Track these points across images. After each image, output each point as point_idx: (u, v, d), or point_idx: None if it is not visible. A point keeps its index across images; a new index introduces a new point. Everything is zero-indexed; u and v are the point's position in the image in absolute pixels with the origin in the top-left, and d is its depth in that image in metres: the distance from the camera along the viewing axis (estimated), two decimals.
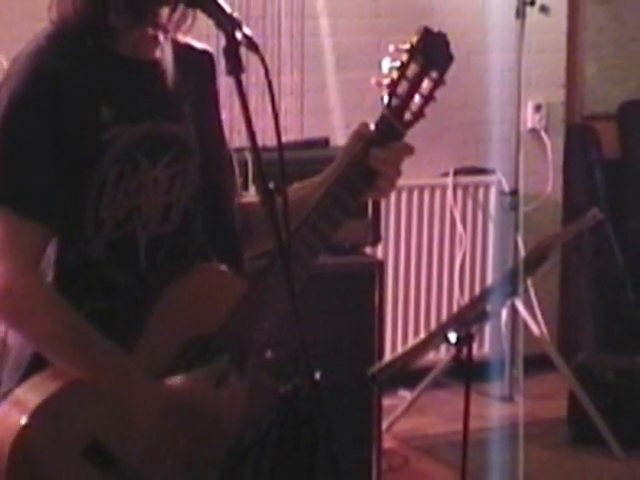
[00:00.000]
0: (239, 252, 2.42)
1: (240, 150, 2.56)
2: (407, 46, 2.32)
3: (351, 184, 2.33)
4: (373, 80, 2.33)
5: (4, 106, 2.22)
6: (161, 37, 2.36)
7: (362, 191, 2.35)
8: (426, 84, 2.33)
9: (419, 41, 2.32)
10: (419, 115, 2.35)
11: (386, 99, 2.33)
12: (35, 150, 2.21)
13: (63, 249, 2.29)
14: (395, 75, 2.32)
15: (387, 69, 2.33)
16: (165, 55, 2.38)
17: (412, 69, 2.32)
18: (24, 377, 2.29)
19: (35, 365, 2.29)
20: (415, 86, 2.33)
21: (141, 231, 2.31)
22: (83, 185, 2.25)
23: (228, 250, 2.40)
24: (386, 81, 2.32)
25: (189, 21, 2.33)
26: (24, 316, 2.24)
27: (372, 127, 2.34)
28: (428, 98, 2.34)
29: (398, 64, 2.32)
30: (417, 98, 2.34)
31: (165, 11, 2.29)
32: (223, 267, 2.37)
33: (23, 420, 2.19)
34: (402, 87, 2.32)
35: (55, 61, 2.23)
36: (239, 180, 2.51)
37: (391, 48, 2.33)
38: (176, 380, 2.26)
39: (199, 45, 2.46)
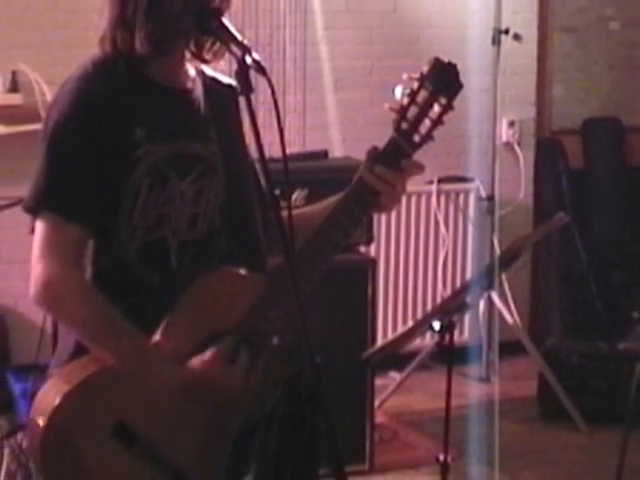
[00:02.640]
0: (261, 257, 2.39)
1: None
2: (418, 75, 2.27)
3: (360, 199, 2.30)
4: (386, 105, 2.28)
5: (53, 124, 2.25)
6: (191, 69, 2.37)
7: (370, 205, 2.32)
8: (436, 109, 2.27)
9: (429, 70, 2.27)
10: (428, 138, 2.29)
11: (395, 122, 2.28)
12: (76, 163, 2.23)
13: (100, 252, 2.29)
14: (406, 101, 2.26)
15: (399, 95, 2.27)
16: (196, 86, 2.38)
17: (422, 95, 2.26)
18: (67, 363, 2.30)
19: (77, 353, 2.29)
20: (424, 111, 2.26)
21: (171, 237, 2.31)
22: (117, 195, 2.26)
23: (250, 256, 2.38)
24: (397, 106, 2.27)
25: (217, 54, 2.32)
26: (62, 305, 2.25)
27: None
28: (437, 122, 2.28)
29: (409, 91, 2.27)
30: (427, 122, 2.27)
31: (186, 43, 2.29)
32: (242, 270, 2.33)
33: (57, 401, 2.19)
34: (412, 112, 2.26)
35: (97, 86, 2.25)
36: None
37: (404, 76, 2.28)
38: (193, 362, 2.25)
39: (225, 79, 2.45)
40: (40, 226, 2.25)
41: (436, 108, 2.27)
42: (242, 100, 2.17)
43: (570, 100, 6.23)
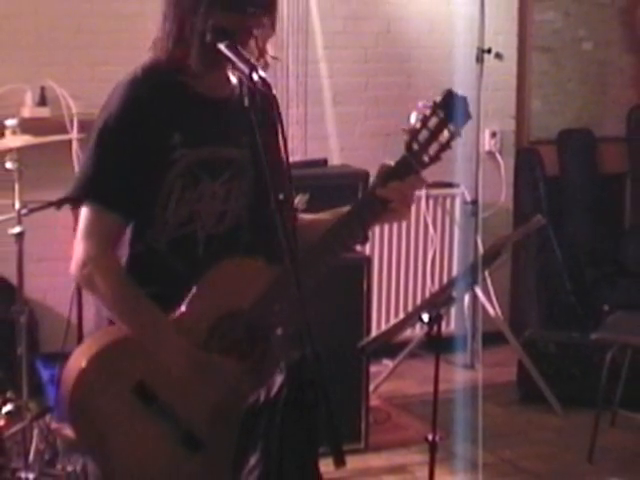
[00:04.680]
0: (279, 252, 2.41)
1: None
2: (431, 103, 2.29)
3: (372, 208, 2.32)
4: (402, 128, 2.30)
5: (101, 123, 2.29)
6: (233, 78, 2.38)
7: (379, 214, 2.33)
8: (445, 134, 2.28)
9: (442, 100, 2.29)
10: (435, 159, 2.30)
11: (407, 143, 2.29)
12: (120, 159, 2.27)
13: (135, 239, 2.34)
14: (418, 125, 2.28)
15: (414, 120, 2.29)
16: (235, 91, 2.39)
17: (433, 121, 2.28)
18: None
19: (109, 324, 2.35)
20: (434, 135, 2.28)
21: (200, 231, 2.34)
22: (154, 191, 2.29)
23: (270, 250, 2.37)
24: (409, 128, 2.29)
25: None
26: (96, 283, 2.29)
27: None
28: (445, 146, 2.29)
29: (422, 116, 2.28)
30: (435, 145, 2.28)
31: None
32: (259, 260, 2.36)
33: (83, 363, 2.25)
34: (423, 135, 2.28)
35: (143, 91, 2.28)
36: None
37: (419, 104, 2.30)
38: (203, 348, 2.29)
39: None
40: (84, 212, 2.29)
41: (445, 134, 2.28)
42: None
43: (546, 113, 6.23)
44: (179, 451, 2.28)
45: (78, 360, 2.28)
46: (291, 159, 2.18)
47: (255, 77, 2.14)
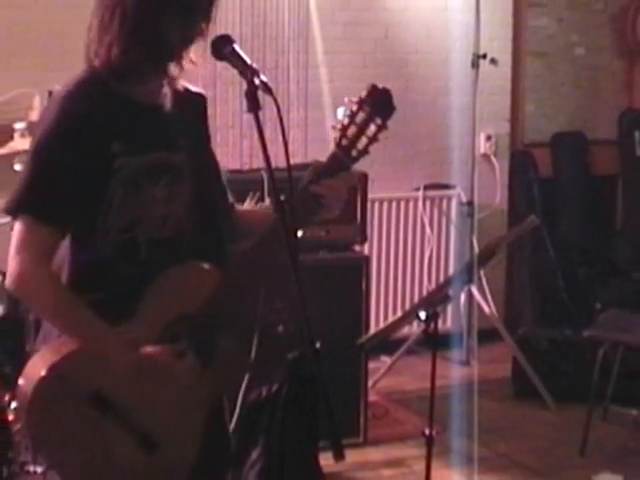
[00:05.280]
0: (222, 251, 2.40)
1: (258, 170, 2.56)
2: (357, 98, 2.27)
3: (306, 203, 2.29)
4: (329, 124, 2.30)
5: (37, 138, 2.26)
6: (165, 85, 2.34)
7: (313, 211, 2.30)
8: (372, 128, 2.26)
9: (367, 95, 2.26)
10: (364, 152, 2.28)
11: (337, 139, 2.27)
12: (52, 175, 2.23)
13: (78, 249, 2.29)
14: (346, 121, 2.26)
15: (341, 116, 2.27)
16: (167, 98, 2.35)
17: (360, 116, 2.26)
18: (56, 339, 2.31)
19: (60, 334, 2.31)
20: (362, 130, 2.26)
21: (141, 235, 2.30)
22: (95, 201, 2.25)
23: (212, 251, 2.38)
24: (338, 125, 2.27)
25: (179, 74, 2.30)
26: (32, 296, 2.27)
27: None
28: (372, 139, 2.27)
29: (349, 112, 2.26)
30: (364, 139, 2.27)
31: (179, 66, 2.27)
32: (205, 264, 2.34)
33: (42, 372, 2.22)
34: (351, 130, 2.26)
35: (79, 105, 2.23)
36: (254, 194, 2.49)
37: (345, 100, 2.28)
38: (146, 349, 2.26)
39: (194, 88, 2.43)
40: (18, 226, 2.24)
41: (372, 127, 2.26)
42: (246, 111, 2.15)
43: (540, 117, 6.23)
44: (137, 454, 2.26)
45: (37, 368, 2.24)
46: (292, 161, 2.16)
47: (257, 81, 2.14)
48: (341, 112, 2.28)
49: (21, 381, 2.27)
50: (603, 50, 6.35)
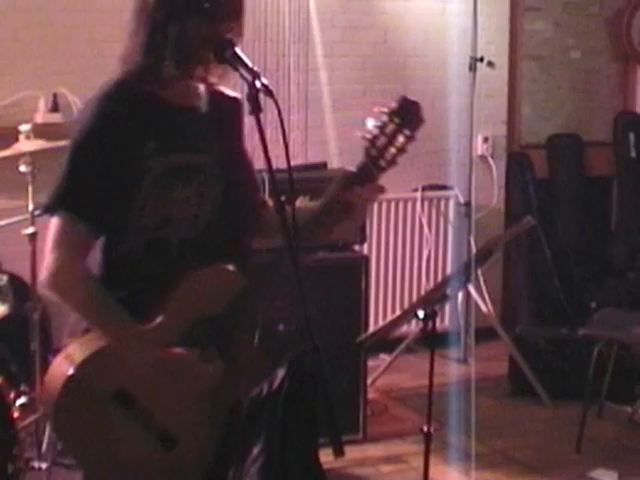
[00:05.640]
0: (247, 254, 2.41)
1: (259, 171, 2.55)
2: (387, 109, 2.28)
3: (335, 209, 2.31)
4: (359, 134, 2.29)
5: (75, 138, 2.28)
6: (201, 88, 2.36)
7: (340, 216, 2.32)
8: (400, 139, 2.28)
9: (397, 106, 2.28)
10: (392, 163, 2.30)
11: (366, 149, 2.29)
12: (90, 173, 2.25)
13: (111, 245, 2.31)
14: (375, 131, 2.28)
15: (370, 126, 2.28)
16: (202, 100, 2.38)
17: (390, 127, 2.27)
18: (82, 335, 2.34)
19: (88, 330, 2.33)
20: (391, 141, 2.28)
21: (173, 235, 2.32)
22: (129, 198, 2.27)
23: (238, 252, 2.39)
24: (368, 135, 2.28)
25: (222, 75, 2.32)
26: (66, 291, 2.28)
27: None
28: (400, 150, 2.29)
29: (379, 123, 2.27)
30: (392, 150, 2.28)
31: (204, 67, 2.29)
32: (230, 266, 2.34)
33: (71, 370, 2.23)
34: (380, 141, 2.27)
35: (115, 106, 2.26)
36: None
37: (375, 110, 2.29)
38: (174, 350, 2.27)
39: (230, 92, 2.45)
40: (55, 222, 2.27)
41: (400, 139, 2.28)
42: (248, 114, 2.17)
43: (536, 119, 6.23)
44: (157, 450, 2.27)
45: (64, 367, 2.26)
46: (292, 163, 2.17)
47: (258, 84, 2.14)
48: (370, 123, 2.29)
49: (47, 380, 2.28)
50: (598, 53, 6.35)
